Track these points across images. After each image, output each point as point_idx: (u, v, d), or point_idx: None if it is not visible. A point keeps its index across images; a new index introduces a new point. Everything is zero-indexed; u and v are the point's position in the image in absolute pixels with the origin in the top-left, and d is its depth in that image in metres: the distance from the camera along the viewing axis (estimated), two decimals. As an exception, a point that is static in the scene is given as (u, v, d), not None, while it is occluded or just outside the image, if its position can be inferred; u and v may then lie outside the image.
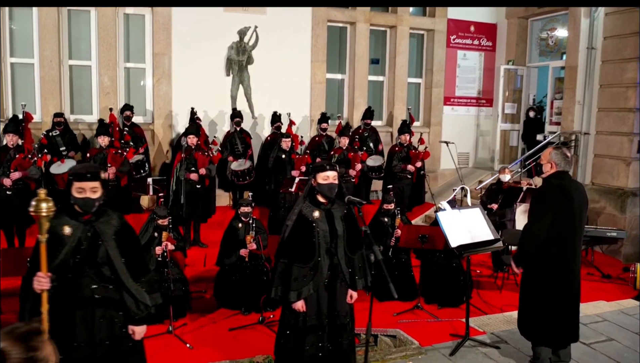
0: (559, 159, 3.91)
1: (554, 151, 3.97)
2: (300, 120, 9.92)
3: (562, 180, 3.87)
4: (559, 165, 3.91)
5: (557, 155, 3.93)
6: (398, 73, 10.51)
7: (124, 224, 2.99)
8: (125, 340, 2.96)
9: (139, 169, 8.07)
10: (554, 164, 3.92)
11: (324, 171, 3.48)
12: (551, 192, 3.84)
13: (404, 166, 8.40)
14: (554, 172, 3.93)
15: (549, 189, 3.88)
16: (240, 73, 9.43)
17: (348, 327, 3.50)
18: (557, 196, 3.79)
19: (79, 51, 8.81)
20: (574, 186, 3.92)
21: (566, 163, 3.93)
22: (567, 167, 3.95)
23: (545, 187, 3.95)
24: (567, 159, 3.94)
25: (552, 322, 3.80)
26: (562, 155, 3.93)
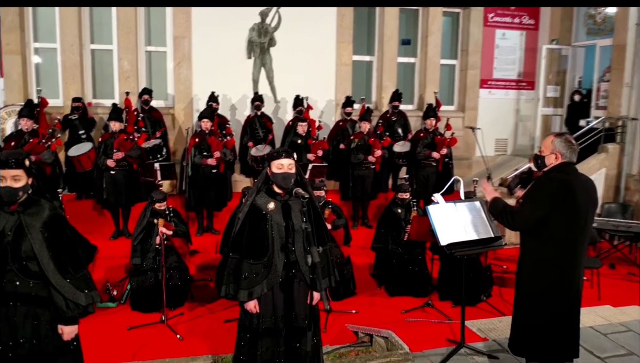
0: (563, 148, 3.38)
1: (557, 139, 3.42)
2: (325, 104, 9.58)
3: (566, 174, 3.34)
4: (564, 155, 3.38)
5: (561, 144, 3.39)
6: (430, 54, 9.94)
7: (55, 216, 2.77)
8: (53, 340, 2.77)
9: (155, 153, 8.00)
10: (559, 155, 3.39)
11: (278, 159, 3.16)
12: (550, 188, 3.32)
13: (428, 153, 7.91)
14: (558, 164, 3.40)
15: (548, 185, 3.36)
16: (262, 55, 9.16)
17: (309, 331, 3.17)
18: (557, 195, 3.28)
19: (101, 35, 8.79)
20: (580, 182, 3.36)
21: (572, 152, 3.39)
22: (573, 158, 3.41)
23: (544, 181, 3.41)
24: (573, 147, 3.40)
25: (546, 336, 3.33)
26: (567, 143, 3.39)
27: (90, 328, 5.15)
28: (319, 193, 6.25)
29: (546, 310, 3.34)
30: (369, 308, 5.75)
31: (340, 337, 5.02)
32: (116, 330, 5.08)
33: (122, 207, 7.13)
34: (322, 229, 3.27)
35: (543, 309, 3.35)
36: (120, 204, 7.07)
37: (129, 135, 7.05)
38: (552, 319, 3.34)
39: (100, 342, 4.83)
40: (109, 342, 4.84)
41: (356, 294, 6.16)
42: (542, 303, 3.35)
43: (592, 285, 6.21)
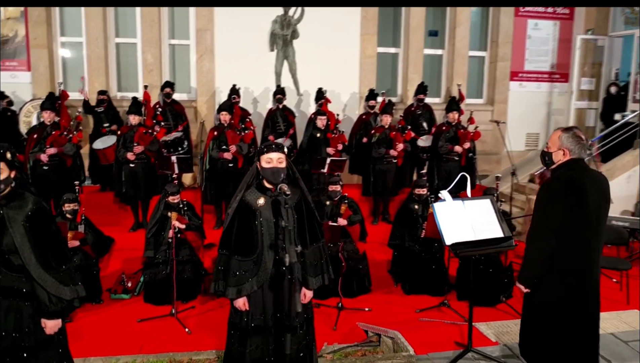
0: (571, 144, 3.13)
1: (564, 134, 3.18)
2: (348, 97, 9.43)
3: (573, 171, 3.11)
4: (572, 151, 3.14)
5: (568, 139, 3.15)
6: (458, 46, 9.65)
7: (38, 210, 2.73)
8: (35, 334, 2.75)
9: (176, 146, 8.05)
10: (567, 151, 3.15)
11: (267, 153, 3.05)
12: (558, 187, 3.09)
13: (450, 147, 7.68)
14: (566, 161, 3.17)
15: (555, 185, 3.12)
16: (284, 48, 9.08)
17: (300, 330, 3.07)
18: (566, 193, 3.05)
19: (125, 29, 8.87)
20: (590, 178, 3.12)
21: (581, 148, 3.13)
22: (583, 154, 3.15)
23: (551, 182, 3.18)
24: (582, 142, 3.14)
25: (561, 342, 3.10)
26: (575, 138, 3.14)
27: (101, 319, 5.23)
28: (335, 188, 6.14)
29: (560, 316, 3.12)
30: (383, 307, 5.61)
31: (349, 336, 4.92)
32: (127, 321, 5.10)
33: (141, 199, 7.18)
34: (315, 226, 3.16)
35: (556, 314, 3.13)
36: (139, 197, 7.13)
37: (148, 129, 7.08)
38: (567, 325, 3.12)
39: (109, 333, 4.87)
40: (118, 333, 4.87)
41: (371, 291, 6.02)
42: (555, 308, 3.13)
43: (622, 288, 5.90)
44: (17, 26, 8.22)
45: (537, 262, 3.13)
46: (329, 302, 5.56)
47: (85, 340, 4.72)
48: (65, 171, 6.86)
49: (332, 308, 5.42)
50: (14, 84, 8.25)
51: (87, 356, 4.38)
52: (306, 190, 3.19)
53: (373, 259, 6.73)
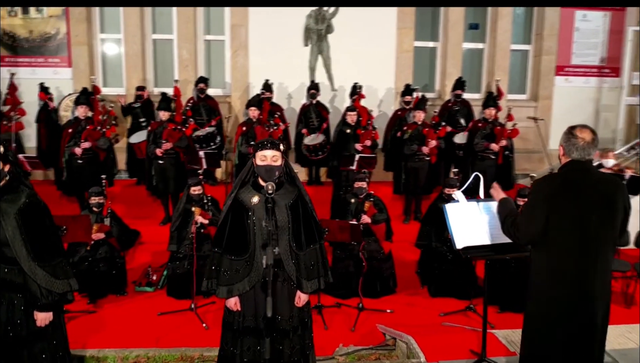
0: (566, 144, 2.88)
1: (564, 132, 2.92)
2: (384, 92, 9.25)
3: (570, 172, 2.87)
4: (567, 152, 2.88)
5: (563, 138, 2.90)
6: (500, 39, 9.28)
7: (32, 203, 2.77)
8: (27, 326, 2.79)
9: (208, 141, 8.10)
10: (563, 149, 2.91)
11: (262, 150, 2.95)
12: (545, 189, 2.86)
13: (486, 144, 7.39)
14: (567, 162, 2.91)
15: (543, 186, 2.89)
16: (319, 43, 8.99)
17: (294, 334, 2.97)
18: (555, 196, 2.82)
19: (162, 25, 9.01)
20: (590, 181, 2.85)
21: (578, 149, 2.85)
22: (584, 155, 2.85)
23: (540, 182, 2.95)
24: (578, 143, 2.84)
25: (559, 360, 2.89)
26: (571, 137, 2.87)
27: (123, 311, 5.32)
28: (361, 185, 6.01)
29: (556, 334, 2.89)
30: (406, 309, 5.45)
31: (367, 338, 4.79)
32: (147, 314, 5.16)
33: (171, 194, 7.27)
34: (313, 227, 3.05)
35: (552, 332, 2.90)
36: (168, 191, 7.22)
37: (177, 125, 7.15)
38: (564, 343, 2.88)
39: (129, 324, 4.94)
40: (137, 325, 4.93)
41: (396, 292, 5.87)
42: (551, 325, 2.90)
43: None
44: (59, 24, 8.49)
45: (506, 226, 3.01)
46: (350, 302, 5.45)
47: (106, 331, 4.81)
48: (99, 165, 7.02)
49: (353, 309, 5.31)
50: (56, 80, 8.52)
51: (105, 347, 4.45)
52: (304, 189, 3.09)
53: (401, 259, 6.56)
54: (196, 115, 8.14)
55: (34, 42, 8.47)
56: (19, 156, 6.65)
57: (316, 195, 8.31)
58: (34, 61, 8.51)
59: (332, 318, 5.17)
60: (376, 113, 9.17)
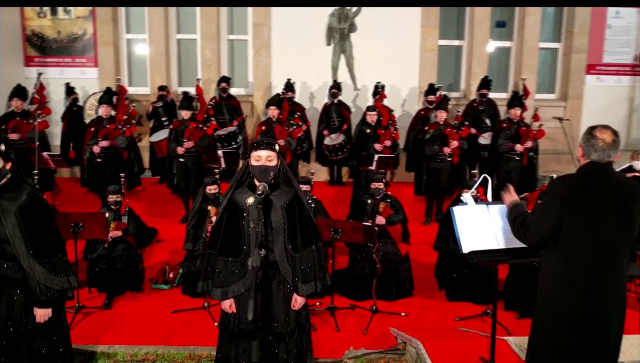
0: (585, 145, 2.75)
1: (584, 132, 2.80)
2: (408, 91, 9.12)
3: (587, 173, 2.74)
4: (585, 153, 2.75)
5: (583, 138, 2.77)
6: (527, 37, 9.04)
7: (32, 201, 2.80)
8: (27, 321, 2.82)
9: (230, 140, 8.13)
10: (582, 150, 2.79)
11: (256, 150, 2.91)
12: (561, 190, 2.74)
13: (511, 145, 7.20)
14: (585, 164, 2.78)
15: (558, 186, 2.78)
16: (341, 42, 8.92)
17: (290, 337, 2.91)
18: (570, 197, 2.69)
19: (187, 25, 9.10)
20: (606, 183, 2.71)
21: (596, 151, 2.72)
22: (603, 156, 2.72)
23: (555, 182, 2.85)
24: (597, 144, 2.71)
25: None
26: (591, 138, 2.74)
27: (138, 308, 5.37)
28: (377, 186, 5.93)
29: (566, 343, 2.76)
30: (421, 312, 5.34)
31: (379, 341, 4.71)
32: (161, 312, 5.19)
33: (191, 192, 7.33)
34: (309, 228, 2.99)
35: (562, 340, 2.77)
36: (189, 190, 7.27)
37: (199, 124, 7.20)
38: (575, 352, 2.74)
39: (143, 321, 4.98)
40: (151, 322, 4.96)
41: (412, 295, 5.76)
42: (560, 333, 2.77)
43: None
44: (86, 25, 8.66)
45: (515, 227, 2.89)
46: (364, 303, 5.38)
47: (119, 327, 4.86)
48: (121, 163, 7.12)
49: (367, 311, 5.24)
50: (83, 80, 8.71)
51: (118, 343, 4.50)
52: (300, 190, 3.04)
53: (420, 262, 6.46)
54: (218, 114, 8.19)
55: (61, 42, 8.67)
56: (43, 154, 6.81)
57: (337, 195, 8.26)
58: (61, 61, 8.72)
59: (345, 320, 5.11)
60: (399, 113, 9.07)
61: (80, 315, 5.03)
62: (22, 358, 2.78)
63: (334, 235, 5.06)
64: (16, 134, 6.93)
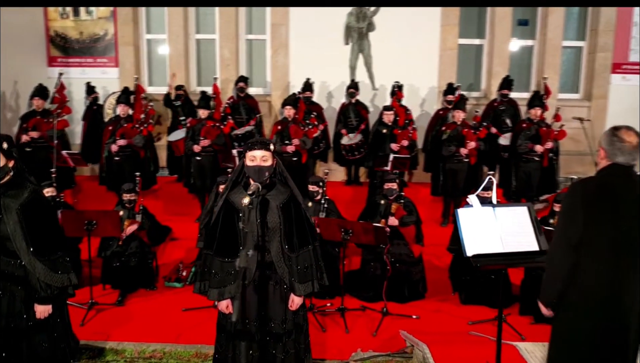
0: (607, 146, 2.65)
1: (605, 133, 2.70)
2: (427, 91, 9.01)
3: (609, 176, 2.63)
4: (608, 153, 2.65)
5: (605, 140, 2.67)
6: (550, 35, 8.83)
7: (34, 198, 2.84)
8: (28, 317, 2.87)
9: (247, 140, 8.15)
10: (603, 152, 2.68)
11: (251, 150, 2.91)
12: (582, 193, 2.62)
13: (530, 146, 7.04)
14: (606, 166, 2.68)
15: (580, 189, 2.66)
16: (359, 41, 8.86)
17: (287, 338, 2.89)
18: (590, 200, 2.58)
19: (206, 25, 9.17)
20: (629, 187, 2.59)
21: (621, 152, 2.61)
22: (629, 159, 2.61)
23: (576, 185, 2.72)
24: (621, 144, 2.61)
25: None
26: (614, 138, 2.64)
27: (150, 305, 5.42)
28: (391, 186, 5.87)
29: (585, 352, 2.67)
30: (433, 315, 5.27)
31: (388, 343, 4.66)
32: (173, 309, 5.23)
33: (207, 191, 7.37)
34: (306, 229, 2.97)
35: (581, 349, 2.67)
36: (205, 188, 7.31)
37: (216, 123, 7.25)
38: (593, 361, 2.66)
39: (154, 319, 5.03)
40: (162, 320, 5.01)
41: (425, 298, 5.69)
42: (579, 341, 2.67)
43: None
44: (107, 25, 8.80)
45: (554, 279, 2.71)
46: (376, 305, 5.33)
47: (131, 324, 4.92)
48: (138, 162, 7.21)
49: (378, 313, 5.19)
50: (104, 80, 8.85)
51: (128, 340, 4.55)
52: (296, 190, 3.02)
53: (435, 264, 6.38)
54: (235, 114, 8.22)
55: (83, 43, 8.83)
56: (62, 152, 6.93)
57: (354, 195, 8.21)
58: (83, 61, 8.87)
59: (356, 321, 5.07)
60: (418, 112, 8.98)
61: (93, 312, 5.11)
62: (23, 354, 2.83)
63: (345, 236, 5.02)
64: (36, 132, 7.08)
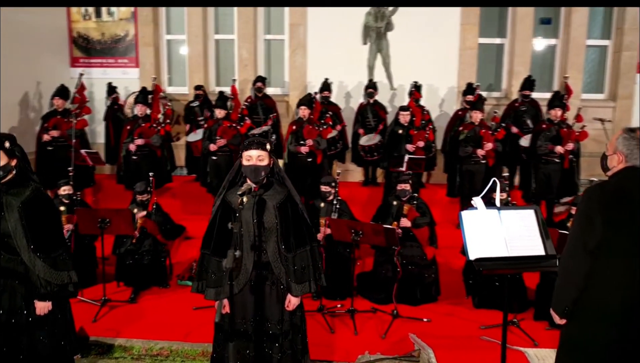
0: (627, 148, 2.52)
1: (622, 135, 2.57)
2: (446, 91, 8.90)
3: (626, 180, 2.50)
4: (627, 157, 2.52)
5: (624, 142, 2.54)
6: (574, 34, 8.62)
7: (36, 197, 2.90)
8: (28, 313, 2.92)
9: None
10: (621, 156, 2.55)
11: (247, 150, 2.89)
12: (600, 197, 2.50)
13: (550, 147, 6.88)
14: (622, 169, 2.56)
15: (597, 193, 2.52)
16: (378, 41, 8.80)
17: (284, 338, 2.87)
18: (609, 205, 2.45)
19: (225, 26, 9.23)
20: None
21: None
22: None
23: (593, 190, 2.58)
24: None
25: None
26: (634, 140, 2.51)
27: (162, 303, 5.46)
28: (404, 187, 5.79)
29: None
30: (444, 319, 5.18)
31: (397, 346, 4.61)
32: (183, 308, 5.26)
33: (223, 190, 7.41)
34: (303, 229, 2.95)
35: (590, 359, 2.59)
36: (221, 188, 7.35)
37: (232, 123, 7.28)
38: None
39: (164, 317, 5.07)
40: (173, 318, 5.05)
41: (437, 301, 5.61)
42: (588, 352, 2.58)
43: None
44: (128, 26, 8.94)
45: (568, 286, 2.61)
46: (387, 307, 5.28)
47: (142, 321, 4.97)
48: (155, 161, 7.30)
49: (388, 315, 5.13)
50: (125, 80, 8.98)
51: (138, 337, 4.60)
52: (293, 190, 3.01)
53: (450, 266, 6.29)
54: (253, 114, 8.26)
55: (105, 44, 8.99)
56: (81, 151, 7.06)
57: (371, 196, 8.16)
58: (105, 62, 9.03)
59: (365, 323, 5.03)
60: (437, 113, 8.88)
61: (106, 308, 5.18)
62: (23, 349, 2.89)
63: (355, 237, 4.98)
64: (56, 131, 7.23)
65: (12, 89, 7.81)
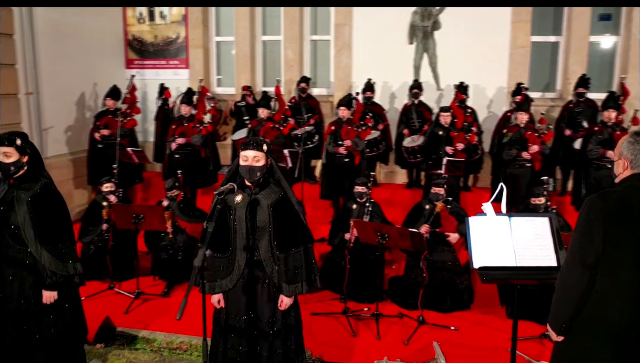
0: (631, 153, 2.34)
1: (627, 141, 2.39)
2: (495, 92, 8.59)
3: (631, 190, 2.31)
4: (632, 163, 2.34)
5: (629, 147, 2.36)
6: (636, 31, 8.05)
7: (44, 191, 3.05)
8: (36, 302, 3.08)
9: (307, 140, 8.20)
10: (626, 162, 2.37)
11: (244, 150, 2.92)
12: (601, 208, 2.32)
13: (602, 151, 6.48)
14: (627, 177, 2.38)
15: (598, 204, 2.33)
16: (424, 40, 8.62)
17: (275, 337, 2.86)
18: (610, 217, 2.27)
19: (272, 27, 9.35)
20: None
21: None
22: None
23: (594, 200, 2.38)
24: None
25: None
26: (639, 144, 2.34)
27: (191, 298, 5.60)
28: (438, 191, 5.65)
29: None
30: (473, 328, 5.01)
31: (419, 353, 4.51)
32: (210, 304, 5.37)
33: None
34: (297, 229, 2.94)
35: None
36: (259, 186, 7.46)
37: (275, 123, 7.36)
38: None
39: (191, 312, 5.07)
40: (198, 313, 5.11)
41: (470, 309, 5.43)
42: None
43: None
44: (180, 29, 9.24)
45: (567, 302, 2.45)
46: (413, 313, 5.17)
47: (169, 315, 5.10)
48: (198, 160, 7.50)
49: (414, 321, 5.02)
50: (176, 81, 9.29)
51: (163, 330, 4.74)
52: (290, 191, 3.01)
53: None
54: (296, 114, 8.31)
55: (157, 46, 9.34)
56: (128, 149, 7.37)
57: (414, 198, 8.00)
58: (157, 64, 9.39)
59: (390, 328, 4.96)
60: (485, 114, 8.59)
61: (139, 301, 5.38)
62: (31, 336, 3.07)
63: (380, 240, 4.91)
64: (107, 130, 7.58)
65: (70, 90, 8.27)
